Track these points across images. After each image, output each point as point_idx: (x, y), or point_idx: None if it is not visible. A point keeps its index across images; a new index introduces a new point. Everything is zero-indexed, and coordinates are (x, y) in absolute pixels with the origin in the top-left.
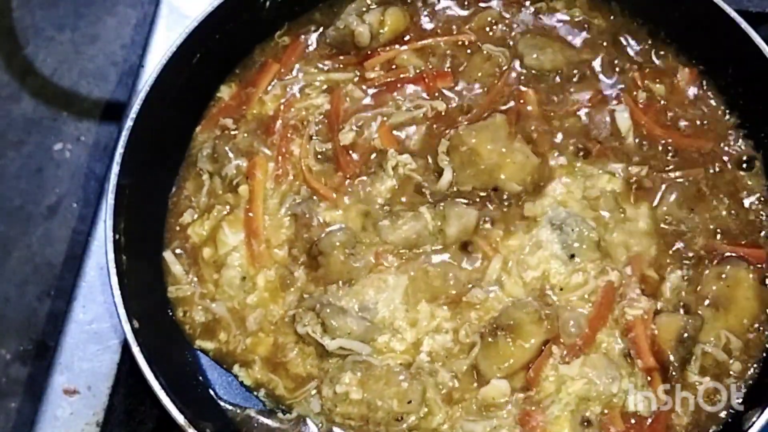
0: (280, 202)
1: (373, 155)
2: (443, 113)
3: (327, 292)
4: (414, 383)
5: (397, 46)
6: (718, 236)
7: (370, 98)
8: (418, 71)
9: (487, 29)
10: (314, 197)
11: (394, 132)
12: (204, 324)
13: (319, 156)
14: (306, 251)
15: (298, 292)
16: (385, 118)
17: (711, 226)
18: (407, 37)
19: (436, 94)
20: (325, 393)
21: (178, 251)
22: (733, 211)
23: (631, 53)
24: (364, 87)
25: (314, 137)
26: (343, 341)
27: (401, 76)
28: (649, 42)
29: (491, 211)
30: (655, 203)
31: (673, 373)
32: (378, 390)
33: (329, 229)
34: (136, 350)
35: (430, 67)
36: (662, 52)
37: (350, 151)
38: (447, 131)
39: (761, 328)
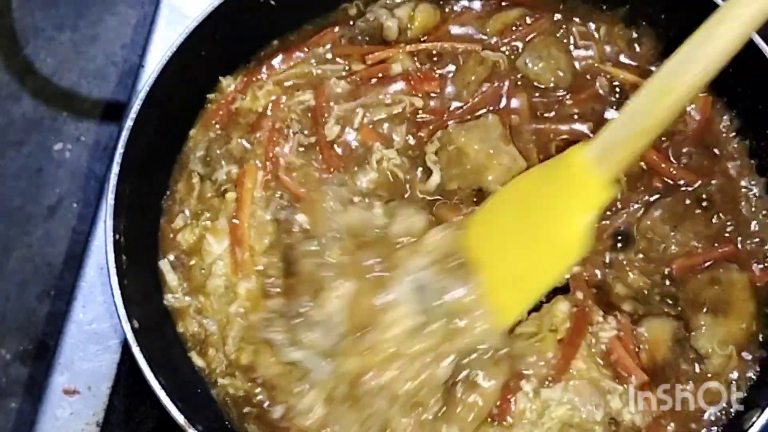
0: (265, 206)
1: (359, 151)
2: (433, 113)
3: (300, 300)
4: (377, 411)
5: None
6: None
7: (354, 91)
8: (405, 71)
9: (500, 35)
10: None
11: (378, 130)
12: (197, 338)
13: (301, 149)
14: (283, 258)
15: (276, 301)
16: (367, 114)
17: (692, 243)
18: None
19: (419, 95)
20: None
21: (173, 259)
22: (729, 221)
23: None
24: (349, 80)
25: (298, 132)
26: (303, 354)
27: (390, 74)
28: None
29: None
30: (639, 215)
31: (676, 376)
32: (340, 413)
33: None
34: (136, 350)
35: (418, 73)
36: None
37: (334, 146)
38: (436, 131)
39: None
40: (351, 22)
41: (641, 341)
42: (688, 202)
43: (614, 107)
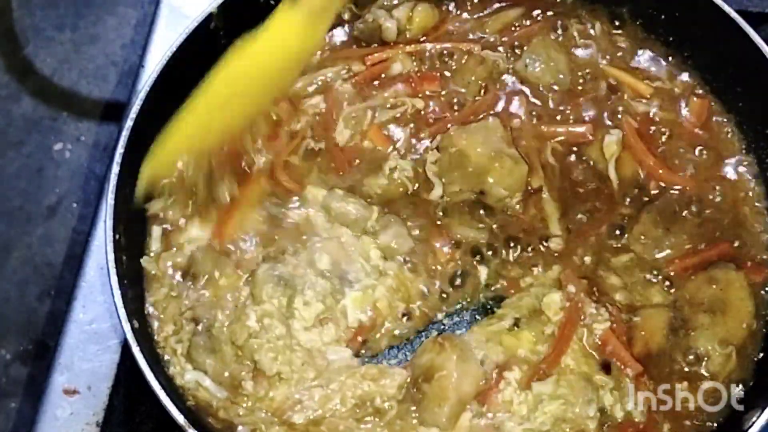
0: (259, 205)
1: (369, 155)
2: (434, 114)
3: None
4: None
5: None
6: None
7: (358, 93)
8: (406, 71)
9: (499, 34)
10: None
11: (384, 132)
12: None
13: (305, 153)
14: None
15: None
16: (374, 114)
17: (686, 246)
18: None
19: (420, 96)
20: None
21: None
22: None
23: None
24: (353, 82)
25: (308, 138)
26: (198, 375)
27: (390, 74)
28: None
29: None
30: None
31: (670, 367)
32: None
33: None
34: (136, 350)
35: (416, 72)
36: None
37: (344, 150)
38: (437, 133)
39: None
40: (347, 26)
41: (636, 330)
42: (679, 204)
43: (612, 110)
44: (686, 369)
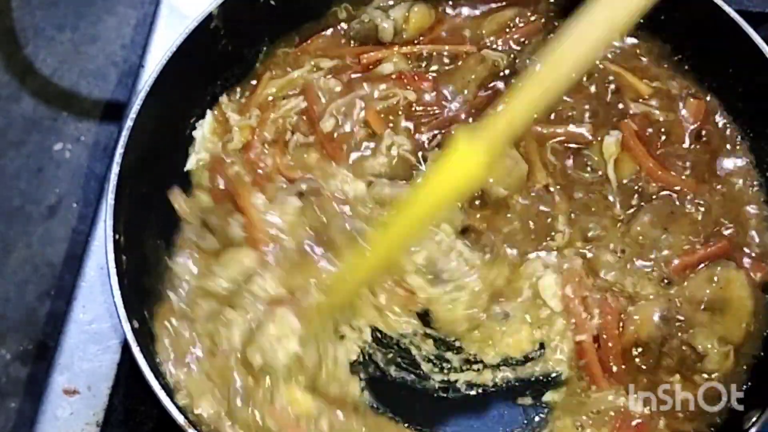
0: None
1: (362, 137)
2: (430, 108)
3: None
4: None
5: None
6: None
7: (344, 86)
8: (398, 71)
9: (495, 35)
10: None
11: (380, 116)
12: None
13: (300, 147)
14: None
15: None
16: (363, 105)
17: (684, 246)
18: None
19: (411, 89)
20: None
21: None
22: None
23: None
24: (339, 77)
25: (295, 134)
26: None
27: (382, 73)
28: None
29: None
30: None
31: (651, 361)
32: None
33: None
34: (136, 350)
35: (410, 72)
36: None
37: (334, 138)
38: (436, 129)
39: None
40: (342, 26)
41: (630, 322)
42: (677, 204)
43: (612, 110)
44: (680, 364)
